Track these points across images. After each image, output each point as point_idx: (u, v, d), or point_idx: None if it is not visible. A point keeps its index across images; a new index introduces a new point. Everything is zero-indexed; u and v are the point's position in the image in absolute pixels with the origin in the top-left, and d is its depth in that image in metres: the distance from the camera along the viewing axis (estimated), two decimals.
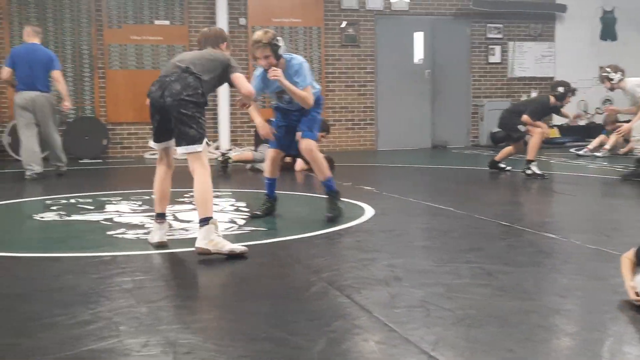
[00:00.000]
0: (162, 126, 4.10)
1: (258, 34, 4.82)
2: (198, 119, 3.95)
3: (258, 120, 5.05)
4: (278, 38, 4.81)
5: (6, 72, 7.99)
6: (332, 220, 4.95)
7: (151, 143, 4.28)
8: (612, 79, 7.64)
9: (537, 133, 7.71)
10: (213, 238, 3.85)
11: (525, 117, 7.72)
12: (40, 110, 8.02)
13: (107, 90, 11.10)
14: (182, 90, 3.91)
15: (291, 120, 5.12)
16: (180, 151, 4.02)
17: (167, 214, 4.34)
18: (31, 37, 8.17)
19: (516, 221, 4.96)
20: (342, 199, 5.24)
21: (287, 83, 4.78)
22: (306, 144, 4.98)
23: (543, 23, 12.99)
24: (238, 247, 3.92)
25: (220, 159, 9.01)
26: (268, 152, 5.33)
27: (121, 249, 4.17)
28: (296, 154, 5.90)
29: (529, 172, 7.52)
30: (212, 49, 4.37)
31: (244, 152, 9.69)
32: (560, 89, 7.73)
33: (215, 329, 2.69)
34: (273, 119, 5.31)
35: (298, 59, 4.98)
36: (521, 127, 7.86)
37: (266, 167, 5.36)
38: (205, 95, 4.04)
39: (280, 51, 4.81)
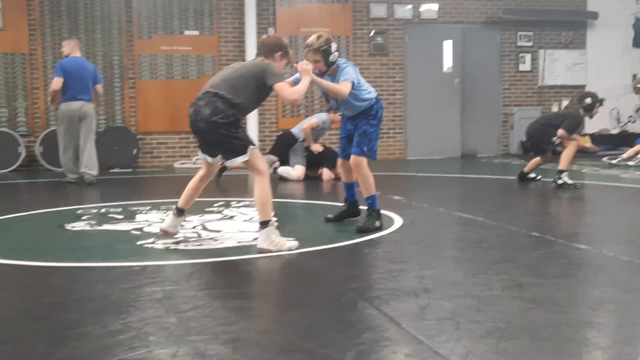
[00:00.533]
0: (204, 143, 4.40)
1: (311, 38, 4.91)
2: (234, 134, 4.21)
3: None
4: (332, 44, 4.82)
5: (58, 82, 8.26)
6: (361, 232, 4.92)
7: (199, 151, 4.54)
8: None
9: (572, 144, 7.61)
10: (273, 239, 4.21)
11: (561, 132, 7.60)
12: (88, 118, 8.37)
13: (137, 100, 11.24)
14: (212, 115, 4.17)
15: (348, 130, 5.19)
16: (235, 163, 4.32)
17: (186, 212, 4.67)
18: (76, 50, 8.55)
19: (547, 232, 4.91)
20: (380, 218, 5.13)
21: (314, 76, 4.70)
22: (354, 161, 5.06)
23: (574, 30, 12.86)
24: (294, 244, 4.30)
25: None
26: (338, 162, 5.46)
27: (151, 259, 4.20)
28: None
29: (559, 182, 7.42)
30: (261, 58, 4.50)
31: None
32: (588, 100, 7.64)
33: (245, 339, 2.70)
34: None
35: (347, 62, 5.01)
36: (555, 140, 7.74)
37: (342, 175, 5.46)
38: (243, 112, 4.32)
39: (332, 57, 4.81)
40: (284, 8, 11.60)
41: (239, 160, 4.25)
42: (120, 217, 5.83)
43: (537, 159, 8.05)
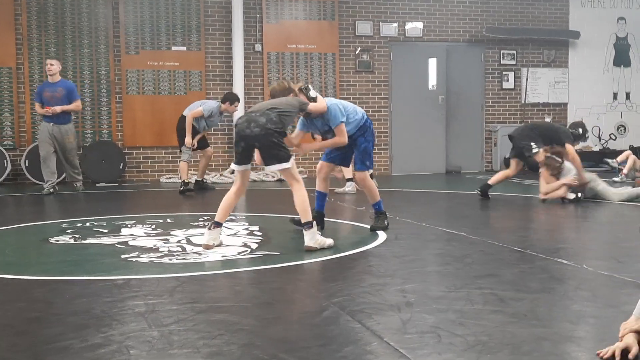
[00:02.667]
0: (245, 152, 4.94)
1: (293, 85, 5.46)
2: (281, 144, 4.85)
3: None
4: (308, 85, 5.45)
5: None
6: (374, 230, 5.61)
7: (233, 166, 5.06)
8: None
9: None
10: (317, 238, 4.83)
11: (569, 147, 7.68)
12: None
13: (124, 115, 11.23)
14: (267, 123, 4.80)
15: None
16: (272, 169, 4.94)
17: (223, 225, 5.10)
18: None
19: (530, 247, 4.95)
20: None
21: (318, 146, 5.60)
22: (360, 176, 5.73)
23: (556, 49, 13.02)
24: (331, 241, 4.93)
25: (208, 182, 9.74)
26: (318, 165, 5.79)
27: (135, 273, 4.20)
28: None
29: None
30: (285, 97, 5.25)
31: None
32: (580, 130, 7.79)
33: (227, 353, 2.70)
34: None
35: (330, 100, 5.52)
36: (533, 148, 7.80)
37: (317, 181, 5.74)
38: (287, 125, 4.99)
39: (312, 94, 5.34)
40: (271, 25, 11.67)
41: (280, 167, 4.84)
42: (105, 231, 5.82)
43: (507, 172, 8.12)
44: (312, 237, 4.80)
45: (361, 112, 5.69)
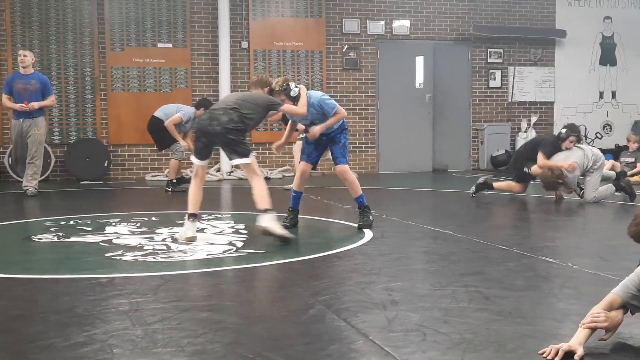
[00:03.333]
0: (206, 148, 5.20)
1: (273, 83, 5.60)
2: (241, 141, 5.11)
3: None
4: (290, 83, 5.52)
5: None
6: (362, 228, 5.61)
7: (193, 159, 5.27)
8: None
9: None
10: (274, 224, 4.92)
11: (540, 156, 7.59)
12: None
13: (109, 112, 11.15)
14: (229, 123, 5.03)
15: (321, 140, 5.75)
16: (234, 163, 5.20)
17: (197, 215, 5.26)
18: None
19: (515, 245, 4.95)
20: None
21: (324, 127, 5.59)
22: (340, 169, 5.76)
23: (543, 48, 13.07)
24: (288, 233, 5.01)
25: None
26: (300, 166, 5.88)
27: (119, 271, 4.17)
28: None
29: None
30: (257, 90, 5.45)
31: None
32: (563, 131, 7.73)
33: (211, 351, 2.68)
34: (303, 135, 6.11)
35: (316, 93, 5.71)
36: (526, 170, 7.75)
37: (295, 181, 5.86)
38: (249, 126, 5.24)
39: (293, 93, 5.45)
40: (257, 22, 11.62)
41: (241, 162, 5.11)
42: (89, 229, 5.77)
43: (514, 187, 7.95)
44: (269, 220, 4.93)
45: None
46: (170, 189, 8.83)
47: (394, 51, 12.36)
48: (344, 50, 12.07)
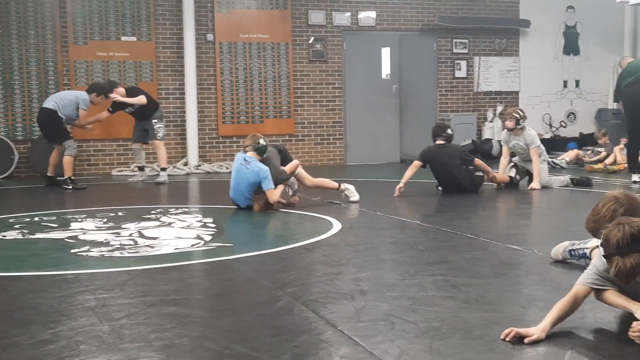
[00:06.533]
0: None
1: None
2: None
3: None
4: (259, 140, 6.28)
5: None
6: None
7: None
8: None
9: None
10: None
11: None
12: None
13: None
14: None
15: None
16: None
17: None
18: None
19: (482, 233, 5.00)
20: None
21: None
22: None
23: (507, 38, 13.19)
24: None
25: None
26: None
27: (85, 267, 4.12)
28: None
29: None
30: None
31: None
32: (449, 131, 7.98)
33: (178, 346, 2.66)
34: None
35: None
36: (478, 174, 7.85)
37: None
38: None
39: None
40: (222, 14, 11.53)
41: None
42: (55, 225, 5.69)
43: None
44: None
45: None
46: (70, 187, 8.66)
47: (360, 42, 12.37)
48: (310, 42, 12.05)
